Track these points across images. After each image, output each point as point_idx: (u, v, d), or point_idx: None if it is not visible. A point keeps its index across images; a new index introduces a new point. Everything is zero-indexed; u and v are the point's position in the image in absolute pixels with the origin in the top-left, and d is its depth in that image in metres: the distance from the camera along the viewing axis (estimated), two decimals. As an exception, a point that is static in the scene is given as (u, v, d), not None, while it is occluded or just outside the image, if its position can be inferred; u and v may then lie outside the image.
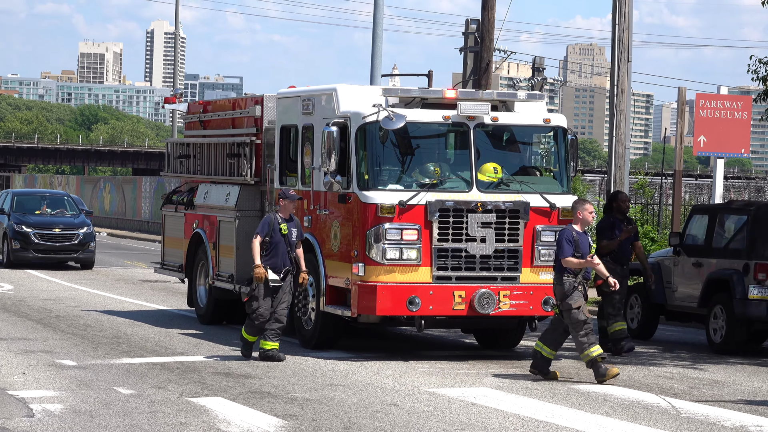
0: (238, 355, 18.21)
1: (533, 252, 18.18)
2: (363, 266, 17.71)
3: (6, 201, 36.70)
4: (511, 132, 18.78)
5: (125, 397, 14.29)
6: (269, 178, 20.75)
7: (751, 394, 15.64)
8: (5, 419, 12.87)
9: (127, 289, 29.52)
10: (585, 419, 13.50)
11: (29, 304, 25.13)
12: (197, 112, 24.43)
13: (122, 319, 22.80)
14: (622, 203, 19.88)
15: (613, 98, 28.12)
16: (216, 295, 22.19)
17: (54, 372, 16.26)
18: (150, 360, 17.57)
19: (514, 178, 18.49)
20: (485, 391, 15.37)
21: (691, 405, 14.67)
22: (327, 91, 19.06)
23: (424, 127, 18.31)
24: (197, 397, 14.40)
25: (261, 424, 12.87)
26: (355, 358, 17.94)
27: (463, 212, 17.85)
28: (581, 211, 16.49)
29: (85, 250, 34.73)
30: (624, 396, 15.23)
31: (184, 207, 23.80)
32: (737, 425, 13.39)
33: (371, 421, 13.12)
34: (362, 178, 17.94)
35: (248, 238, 21.08)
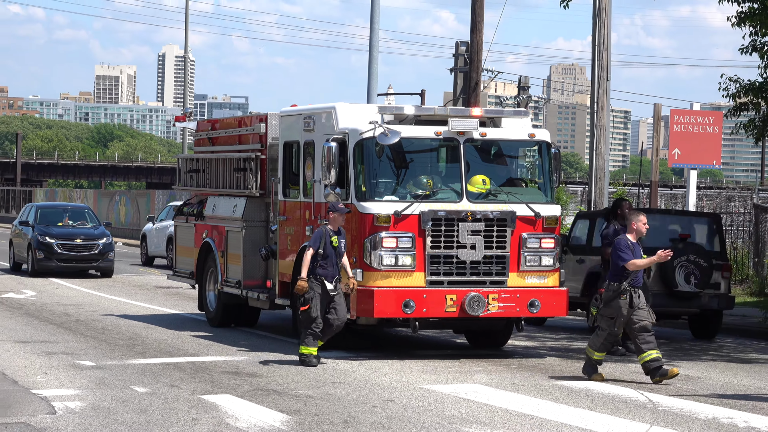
0: (246, 355, 18.20)
1: (519, 258, 18.19)
2: (361, 272, 17.72)
3: (30, 214, 36.73)
4: (498, 146, 18.79)
5: (140, 395, 14.30)
6: (273, 190, 20.78)
7: (722, 389, 15.65)
8: (29, 416, 12.88)
9: (141, 294, 29.51)
10: (568, 413, 13.51)
11: (51, 309, 25.13)
12: (206, 130, 24.45)
13: (137, 323, 22.80)
14: (625, 211, 19.32)
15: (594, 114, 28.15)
16: (224, 300, 22.19)
17: (74, 372, 16.27)
18: (163, 360, 17.58)
19: (502, 189, 18.51)
20: (476, 387, 15.38)
21: (667, 399, 14.68)
22: (326, 110, 19.07)
23: (417, 142, 18.33)
24: (207, 395, 14.40)
25: (267, 419, 12.88)
26: (354, 358, 17.94)
27: (454, 221, 17.87)
28: (635, 222, 16.19)
29: (105, 259, 34.66)
30: (604, 391, 15.23)
31: (194, 218, 23.82)
32: (710, 417, 13.40)
33: (369, 415, 13.12)
34: (360, 190, 17.96)
35: (254, 247, 21.11)
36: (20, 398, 14.11)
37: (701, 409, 13.90)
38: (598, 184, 28.19)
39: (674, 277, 21.33)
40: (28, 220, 36.03)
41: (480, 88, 32.76)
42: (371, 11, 31.89)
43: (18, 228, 36.69)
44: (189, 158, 25.25)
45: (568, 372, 17.00)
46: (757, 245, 31.92)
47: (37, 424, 12.41)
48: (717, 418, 13.32)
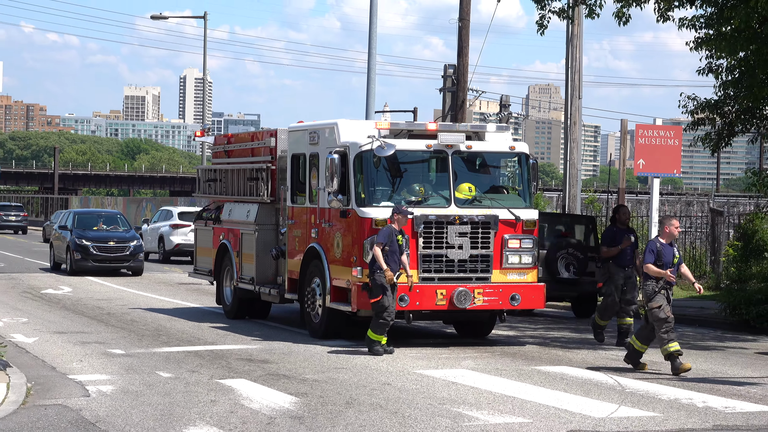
0: (259, 344, 18.19)
1: (502, 257, 18.17)
2: (361, 270, 17.70)
3: (68, 219, 36.77)
4: (482, 157, 18.78)
5: (165, 380, 14.30)
6: (282, 197, 20.77)
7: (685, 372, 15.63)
8: (66, 399, 12.88)
9: (165, 290, 29.49)
10: (546, 394, 13.50)
11: (85, 304, 25.12)
12: (222, 144, 24.44)
13: (162, 315, 22.79)
14: (624, 216, 19.20)
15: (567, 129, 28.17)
16: (239, 295, 22.18)
17: (106, 359, 16.27)
18: (185, 349, 17.58)
19: (486, 195, 18.50)
20: (463, 372, 15.37)
21: (634, 382, 14.68)
22: (329, 125, 19.07)
23: (411, 154, 18.31)
24: (225, 379, 14.40)
25: (278, 400, 12.87)
26: (355, 346, 17.92)
27: (444, 224, 17.85)
28: (668, 226, 15.75)
29: (135, 259, 34.65)
30: (578, 375, 15.23)
31: (212, 222, 23.80)
32: (672, 398, 13.40)
33: (369, 397, 13.12)
34: (359, 196, 17.95)
35: (266, 248, 21.11)
36: (58, 382, 14.12)
37: (664, 391, 13.90)
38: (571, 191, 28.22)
39: (557, 267, 23.45)
40: (66, 225, 36.09)
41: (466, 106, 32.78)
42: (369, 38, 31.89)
43: (57, 232, 36.76)
44: (207, 169, 25.24)
45: (545, 358, 16.99)
46: (714, 245, 31.93)
47: (72, 406, 12.42)
48: (678, 399, 13.32)
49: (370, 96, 31.78)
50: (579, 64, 27.79)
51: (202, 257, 24.44)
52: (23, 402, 12.55)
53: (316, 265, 18.94)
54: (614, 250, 18.72)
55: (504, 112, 54.07)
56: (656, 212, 26.83)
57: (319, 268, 18.80)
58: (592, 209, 35.52)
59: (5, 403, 12.39)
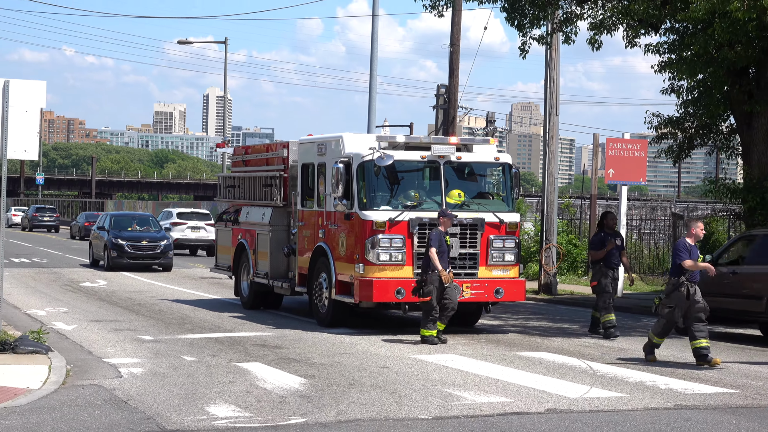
0: (272, 331, 18.18)
1: (487, 255, 18.17)
2: (363, 266, 17.70)
3: (106, 221, 36.73)
4: (470, 167, 18.77)
5: (189, 363, 14.29)
6: (293, 201, 20.77)
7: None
8: (101, 379, 12.88)
9: (190, 283, 29.47)
10: (526, 377, 13.49)
11: (118, 295, 25.10)
12: (240, 154, 24.44)
13: (187, 306, 22.77)
14: (611, 221, 18.95)
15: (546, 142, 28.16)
16: (255, 288, 22.16)
17: (136, 345, 16.25)
18: (207, 335, 17.57)
19: (473, 200, 18.50)
20: (453, 357, 15.36)
21: (604, 366, 14.67)
22: (335, 138, 19.07)
23: (407, 163, 18.31)
24: (242, 362, 14.39)
25: (288, 382, 12.86)
26: (357, 333, 17.92)
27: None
28: (694, 228, 15.27)
29: (166, 257, 34.54)
30: (555, 360, 15.22)
31: (231, 223, 23.80)
32: (637, 381, 13.40)
33: (369, 379, 13.11)
34: (362, 201, 17.94)
35: (279, 246, 21.10)
36: (94, 365, 14.11)
37: (631, 375, 13.90)
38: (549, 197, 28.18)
39: None
40: (104, 226, 36.07)
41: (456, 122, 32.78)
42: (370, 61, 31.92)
43: (96, 232, 36.75)
44: (227, 176, 25.24)
45: (526, 345, 16.98)
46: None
47: (107, 386, 12.41)
48: (643, 382, 13.32)
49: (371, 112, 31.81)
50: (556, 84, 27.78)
51: (222, 254, 24.45)
52: (63, 382, 12.54)
53: (323, 261, 18.93)
54: (601, 253, 18.55)
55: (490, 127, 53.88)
56: (624, 216, 26.85)
57: (325, 265, 18.80)
58: (567, 213, 35.55)
59: (47, 383, 12.39)
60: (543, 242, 28.09)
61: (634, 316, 22.80)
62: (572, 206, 36.94)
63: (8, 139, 15.19)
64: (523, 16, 22.38)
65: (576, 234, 34.05)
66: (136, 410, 10.99)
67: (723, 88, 21.85)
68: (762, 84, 21.23)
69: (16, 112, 15.24)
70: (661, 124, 23.98)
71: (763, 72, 21.28)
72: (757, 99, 21.18)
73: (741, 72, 21.46)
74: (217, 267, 24.90)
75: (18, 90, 15.24)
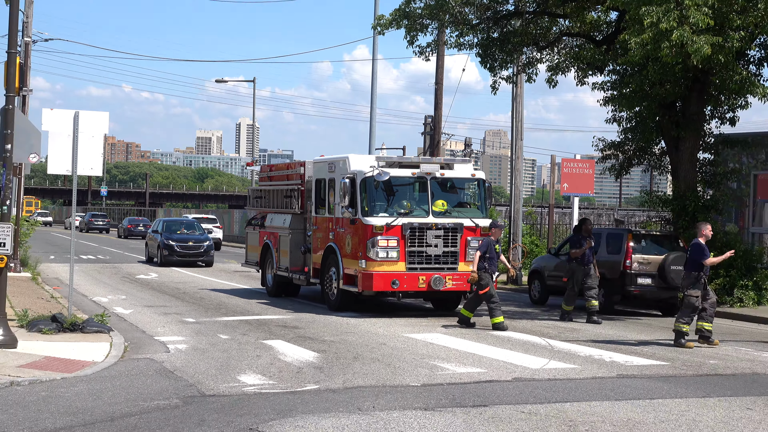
0: (291, 315, 18.12)
1: (465, 253, 18.13)
2: (365, 262, 17.66)
3: (159, 225, 36.50)
4: (452, 182, 18.74)
5: (224, 341, 14.23)
6: (309, 209, 20.73)
7: (595, 337, 15.61)
8: (153, 354, 12.83)
9: (225, 276, 29.40)
10: (497, 352, 13.45)
11: (167, 285, 25.03)
12: (266, 171, 24.39)
13: (222, 294, 22.71)
14: (588, 226, 18.65)
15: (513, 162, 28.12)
16: (278, 280, 22.10)
17: (181, 325, 16.20)
18: (238, 318, 17.51)
19: (454, 209, 18.47)
20: (437, 335, 15.31)
21: (560, 343, 14.63)
22: (342, 158, 19.03)
23: (400, 179, 18.28)
24: (267, 340, 14.34)
25: (304, 356, 12.81)
26: (360, 316, 17.87)
27: (424, 230, 17.82)
28: (704, 230, 14.63)
29: (208, 255, 34.23)
30: (520, 338, 15.18)
31: (258, 227, 23.74)
32: (587, 355, 13.36)
33: (370, 353, 13.06)
34: (364, 209, 17.91)
35: (297, 246, 21.05)
36: (147, 342, 14.06)
37: (581, 350, 13.86)
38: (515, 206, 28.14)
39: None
40: (157, 229, 35.91)
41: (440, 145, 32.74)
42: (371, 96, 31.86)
43: (151, 234, 36.60)
44: (255, 189, 25.18)
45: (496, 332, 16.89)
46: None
47: (157, 359, 12.36)
48: (592, 356, 13.28)
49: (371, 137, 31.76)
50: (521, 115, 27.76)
51: (251, 252, 24.36)
52: (122, 356, 12.50)
53: (332, 258, 18.89)
54: (580, 251, 18.27)
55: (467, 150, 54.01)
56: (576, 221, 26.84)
57: (335, 261, 18.76)
58: (530, 219, 35.50)
59: (109, 357, 12.34)
60: (510, 242, 28.06)
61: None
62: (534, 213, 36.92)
63: (78, 158, 15.24)
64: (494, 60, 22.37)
65: (537, 236, 34.01)
66: (181, 379, 10.94)
67: (655, 118, 21.84)
68: (687, 115, 21.23)
69: (85, 137, 15.29)
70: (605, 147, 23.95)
71: (687, 105, 21.28)
72: (683, 127, 21.18)
73: (670, 105, 21.46)
74: (247, 263, 24.83)
75: (86, 120, 15.27)
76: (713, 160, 22.63)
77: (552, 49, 23.15)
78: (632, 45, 17.10)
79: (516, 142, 27.90)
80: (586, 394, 10.42)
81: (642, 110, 21.74)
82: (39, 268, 28.54)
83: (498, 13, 22.21)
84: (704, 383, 11.28)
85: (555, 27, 22.90)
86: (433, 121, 33.07)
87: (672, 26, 16.48)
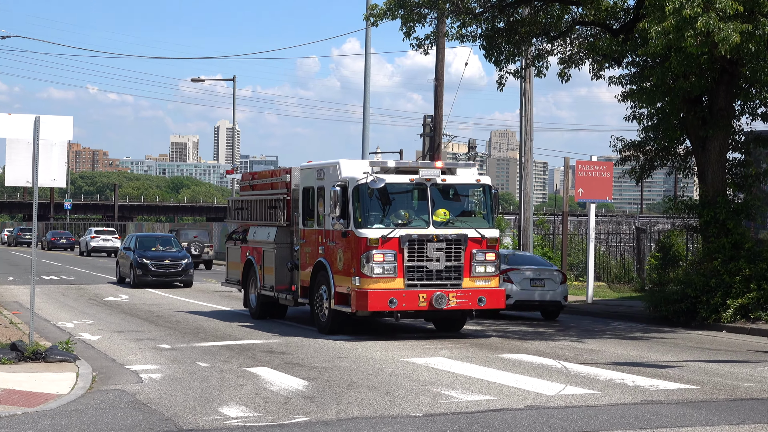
0: (277, 339, 18.09)
1: (471, 267, 18.11)
2: (359, 279, 17.64)
3: (131, 241, 35.78)
4: (454, 188, 18.74)
5: (203, 368, 14.21)
6: (296, 221, 20.72)
7: (616, 358, 15.60)
8: (124, 384, 12.79)
9: (203, 296, 29.36)
10: (507, 377, 13.44)
11: (139, 308, 24.99)
12: (248, 179, 24.38)
13: (200, 317, 22.67)
14: None
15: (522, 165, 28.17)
16: (262, 300, 22.07)
17: (155, 352, 16.16)
18: (219, 343, 17.47)
19: (457, 218, 18.46)
20: (441, 359, 15.29)
21: (577, 366, 14.62)
22: (332, 164, 19.03)
23: (397, 186, 18.28)
24: (251, 367, 14.31)
25: (293, 384, 12.79)
26: (354, 339, 17.84)
27: (424, 242, 17.81)
28: None
29: (186, 274, 33.74)
30: (533, 361, 15.17)
31: (240, 242, 23.71)
32: (608, 379, 13.35)
33: (366, 380, 13.04)
34: (357, 220, 17.91)
35: (283, 262, 21.05)
36: (117, 371, 14.03)
37: (601, 373, 13.85)
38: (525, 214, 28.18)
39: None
40: (129, 246, 35.33)
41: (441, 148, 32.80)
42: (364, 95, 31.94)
43: (122, 252, 36.06)
44: (236, 200, 25.17)
45: (506, 348, 16.92)
46: (639, 255, 31.95)
47: (129, 390, 12.33)
48: (613, 380, 13.28)
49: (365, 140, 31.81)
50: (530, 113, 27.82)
51: (232, 270, 24.29)
52: (89, 387, 12.46)
53: (323, 275, 18.88)
54: None
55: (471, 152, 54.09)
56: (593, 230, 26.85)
57: (325, 278, 18.75)
58: (542, 228, 35.55)
59: (75, 388, 12.31)
60: (520, 255, 28.02)
61: (604, 320, 22.76)
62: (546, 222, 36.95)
63: (39, 168, 15.18)
64: (500, 53, 22.44)
65: (550, 247, 34.04)
66: (156, 412, 10.91)
67: (679, 115, 21.91)
68: (714, 111, 21.29)
69: (46, 144, 15.23)
70: (624, 147, 24.02)
71: (715, 100, 21.34)
72: (710, 124, 21.24)
73: (695, 100, 21.53)
74: (227, 281, 24.78)
75: (47, 125, 15.23)
76: (744, 160, 22.70)
77: (564, 40, 23.21)
78: (653, 34, 17.16)
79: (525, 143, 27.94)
80: (607, 422, 10.41)
81: (664, 106, 21.80)
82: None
83: (504, 1, 22.27)
84: (738, 408, 11.28)
85: (567, 15, 22.97)
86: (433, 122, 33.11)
87: (697, 12, 16.53)
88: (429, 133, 34.47)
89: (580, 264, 33.76)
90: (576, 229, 36.85)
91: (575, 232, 36.25)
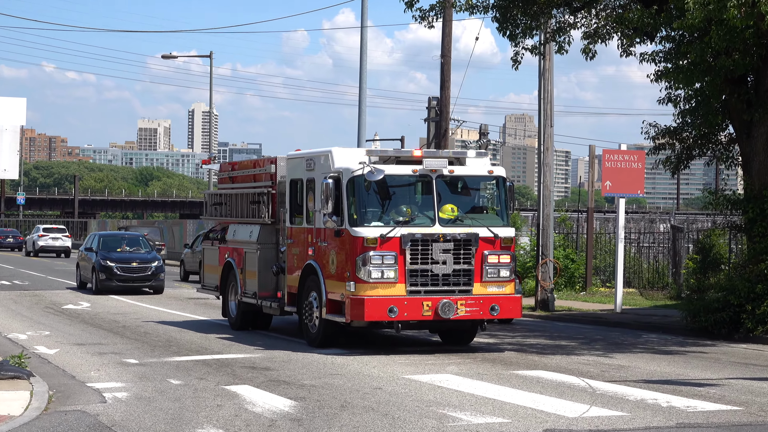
0: (261, 353, 18.11)
1: (482, 271, 18.12)
2: (354, 284, 17.66)
3: (94, 241, 35.51)
4: (464, 181, 18.75)
5: (175, 387, 14.22)
6: (282, 218, 20.74)
7: (648, 375, 15.62)
8: (84, 405, 12.81)
9: (176, 304, 29.39)
10: (523, 396, 13.46)
11: (102, 318, 25.01)
12: (227, 171, 24.41)
13: (173, 327, 22.70)
14: None
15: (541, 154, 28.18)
16: (243, 308, 22.10)
17: (121, 368, 16.18)
18: (194, 358, 17.49)
19: (467, 215, 18.47)
20: (448, 376, 15.31)
21: (603, 384, 14.64)
22: (324, 153, 19.05)
23: (398, 178, 18.29)
24: (230, 385, 14.33)
25: (278, 405, 12.81)
26: (348, 354, 17.86)
27: (429, 242, 17.82)
28: None
29: (157, 279, 33.68)
30: (553, 378, 15.19)
31: (218, 242, 23.74)
32: (638, 399, 13.37)
33: (362, 401, 13.06)
34: (352, 217, 17.92)
35: (267, 265, 21.08)
36: (77, 390, 14.05)
37: (631, 393, 13.87)
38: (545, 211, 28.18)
39: None
40: (92, 247, 35.04)
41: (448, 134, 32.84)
42: (360, 74, 31.94)
43: (83, 253, 35.79)
44: (214, 193, 25.20)
45: (522, 363, 16.94)
46: (675, 258, 31.95)
47: (90, 411, 12.35)
48: (644, 400, 13.29)
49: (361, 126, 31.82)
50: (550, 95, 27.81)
51: (209, 274, 24.34)
52: (45, 408, 12.47)
53: (313, 280, 18.90)
54: None
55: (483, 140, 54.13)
56: (622, 230, 26.86)
57: (315, 283, 18.76)
58: (564, 227, 35.58)
59: (29, 409, 12.31)
60: (539, 257, 28.09)
61: (634, 332, 22.78)
62: (569, 220, 36.96)
63: (-13, 157, 15.16)
64: (516, 26, 22.42)
65: (573, 248, 34.06)
66: (121, 436, 10.92)
67: (721, 97, 21.90)
68: (761, 92, 21.29)
69: (-5, 130, 15.21)
70: (658, 134, 24.02)
71: (761, 80, 21.34)
72: (756, 107, 21.23)
73: (739, 80, 21.52)
74: (204, 287, 24.80)
75: (-4, 107, 15.21)
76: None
77: (589, 11, 23.19)
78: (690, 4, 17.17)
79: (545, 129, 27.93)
80: (638, 448, 10.42)
81: (704, 87, 21.79)
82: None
83: (519, -34, 22.26)
84: (788, 433, 11.29)
85: (592, -18, 22.95)
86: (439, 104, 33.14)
87: (740, -20, 16.53)
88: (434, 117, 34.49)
89: (607, 267, 33.80)
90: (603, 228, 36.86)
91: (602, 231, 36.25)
